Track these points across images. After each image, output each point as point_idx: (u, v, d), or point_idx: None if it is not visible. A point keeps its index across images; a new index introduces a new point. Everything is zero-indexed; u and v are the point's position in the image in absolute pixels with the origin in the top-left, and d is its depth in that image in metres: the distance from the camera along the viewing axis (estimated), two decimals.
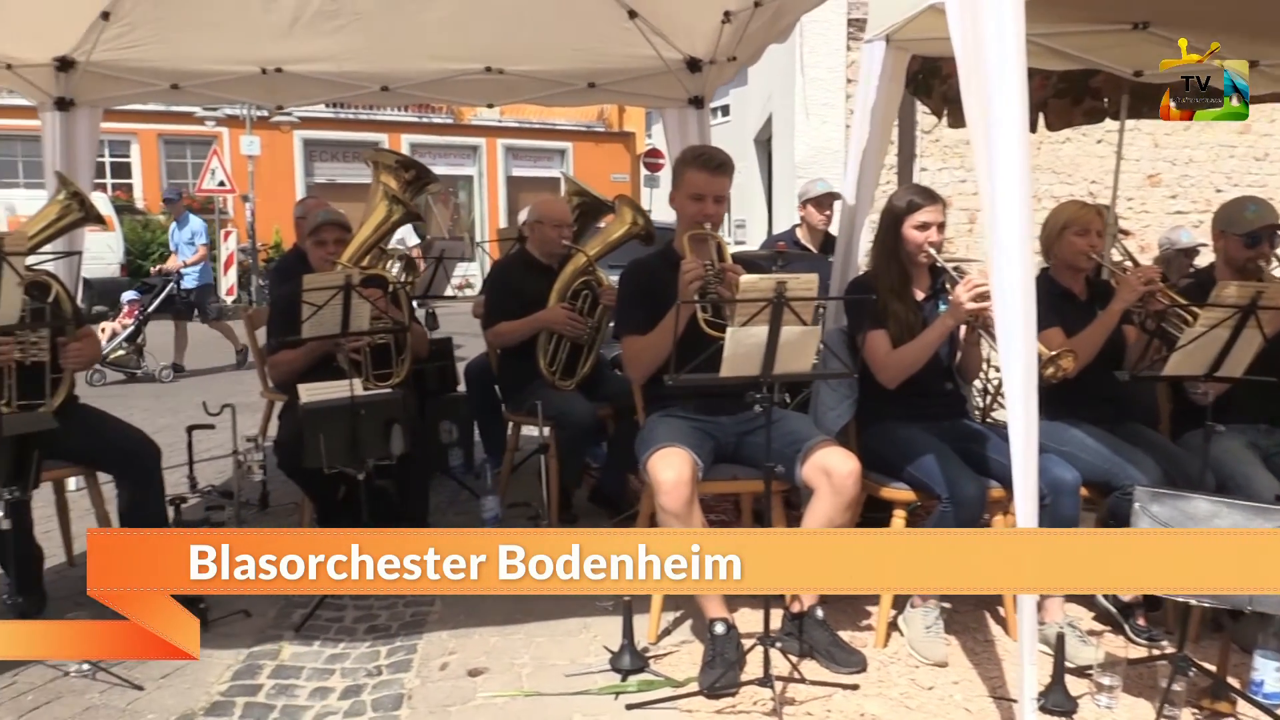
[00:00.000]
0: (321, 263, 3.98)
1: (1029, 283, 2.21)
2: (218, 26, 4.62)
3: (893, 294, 3.16)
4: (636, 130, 22.41)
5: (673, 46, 4.95)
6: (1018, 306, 2.21)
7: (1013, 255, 2.20)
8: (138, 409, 7.01)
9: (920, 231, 3.13)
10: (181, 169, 19.11)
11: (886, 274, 3.19)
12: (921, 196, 3.18)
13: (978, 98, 2.21)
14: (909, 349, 3.08)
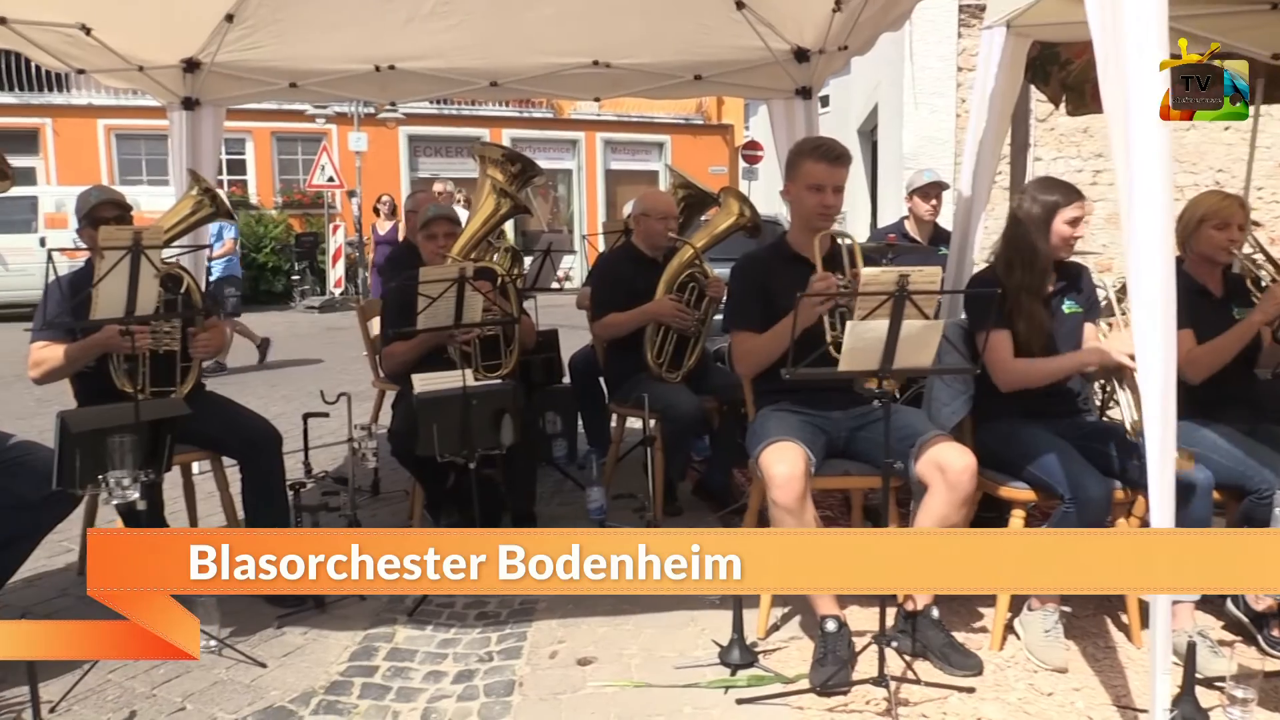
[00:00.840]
0: (433, 256, 4.06)
1: (1169, 278, 2.11)
2: (335, 26, 4.76)
3: (1027, 293, 3.05)
4: (735, 122, 22.28)
5: (780, 37, 4.90)
6: (1157, 302, 2.11)
7: (1153, 249, 2.10)
8: (254, 396, 7.29)
9: (1070, 227, 3.05)
10: (293, 165, 19.77)
11: (1025, 272, 3.07)
12: (1069, 191, 3.09)
13: (1116, 85, 2.12)
14: (1040, 365, 3.00)
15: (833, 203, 3.08)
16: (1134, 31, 2.07)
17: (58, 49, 4.44)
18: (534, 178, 4.50)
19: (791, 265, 3.11)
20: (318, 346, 11.15)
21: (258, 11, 4.60)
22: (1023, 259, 3.08)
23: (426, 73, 5.19)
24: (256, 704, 2.71)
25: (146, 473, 2.86)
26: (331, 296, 16.55)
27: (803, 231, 3.15)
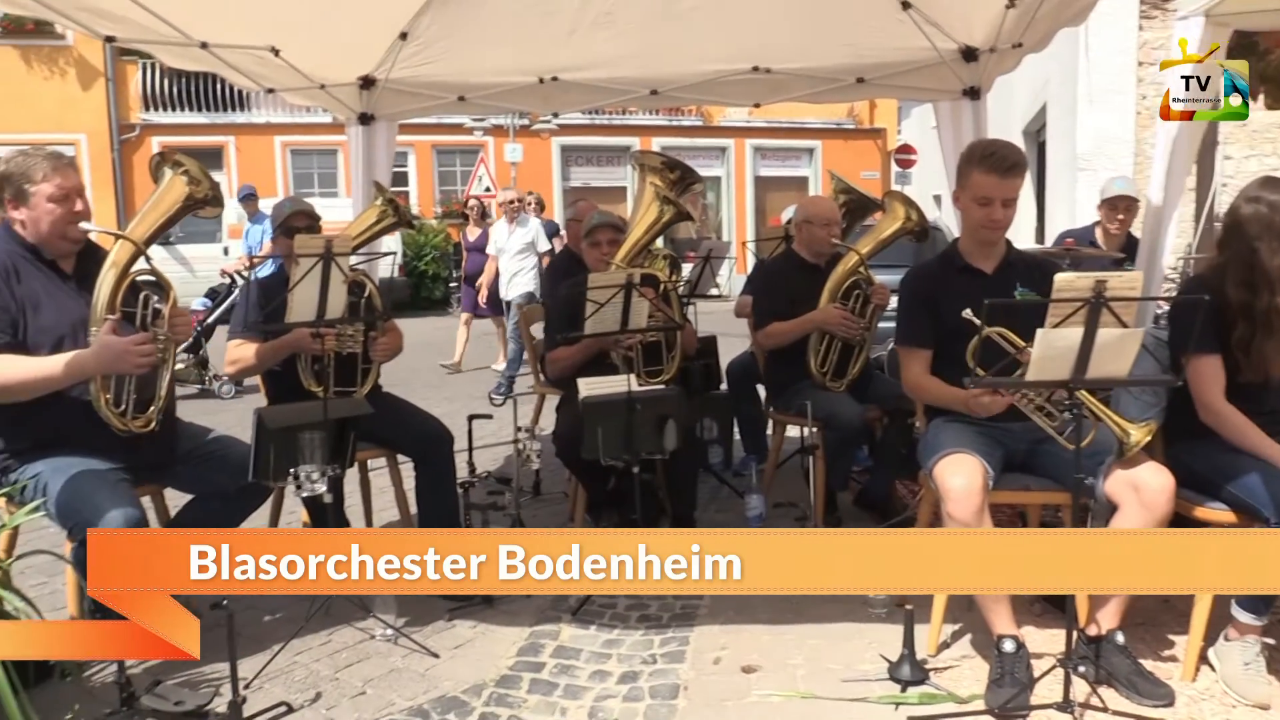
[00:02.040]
0: (597, 263, 4.13)
1: None
2: (501, 40, 4.90)
3: (1277, 316, 2.72)
4: (888, 126, 21.79)
5: (948, 36, 4.75)
6: None
7: None
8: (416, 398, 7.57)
9: None
10: (451, 176, 20.53)
11: (1246, 288, 2.74)
12: None
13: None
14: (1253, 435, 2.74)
15: (1001, 217, 2.92)
16: None
17: (250, 70, 4.74)
18: (693, 184, 4.52)
19: (962, 276, 3.00)
20: (474, 351, 11.51)
21: (430, 29, 4.78)
22: (1265, 277, 2.74)
23: (588, 83, 5.28)
24: (431, 693, 2.81)
25: (333, 468, 3.02)
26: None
27: (973, 243, 3.04)
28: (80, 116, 18.38)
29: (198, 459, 3.11)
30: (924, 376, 3.03)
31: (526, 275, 8.50)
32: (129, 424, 2.84)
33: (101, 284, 2.78)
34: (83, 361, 2.71)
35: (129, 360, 2.72)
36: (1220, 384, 2.81)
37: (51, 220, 2.82)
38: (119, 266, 2.79)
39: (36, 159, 2.82)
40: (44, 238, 2.85)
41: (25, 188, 2.80)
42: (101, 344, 2.70)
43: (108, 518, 2.63)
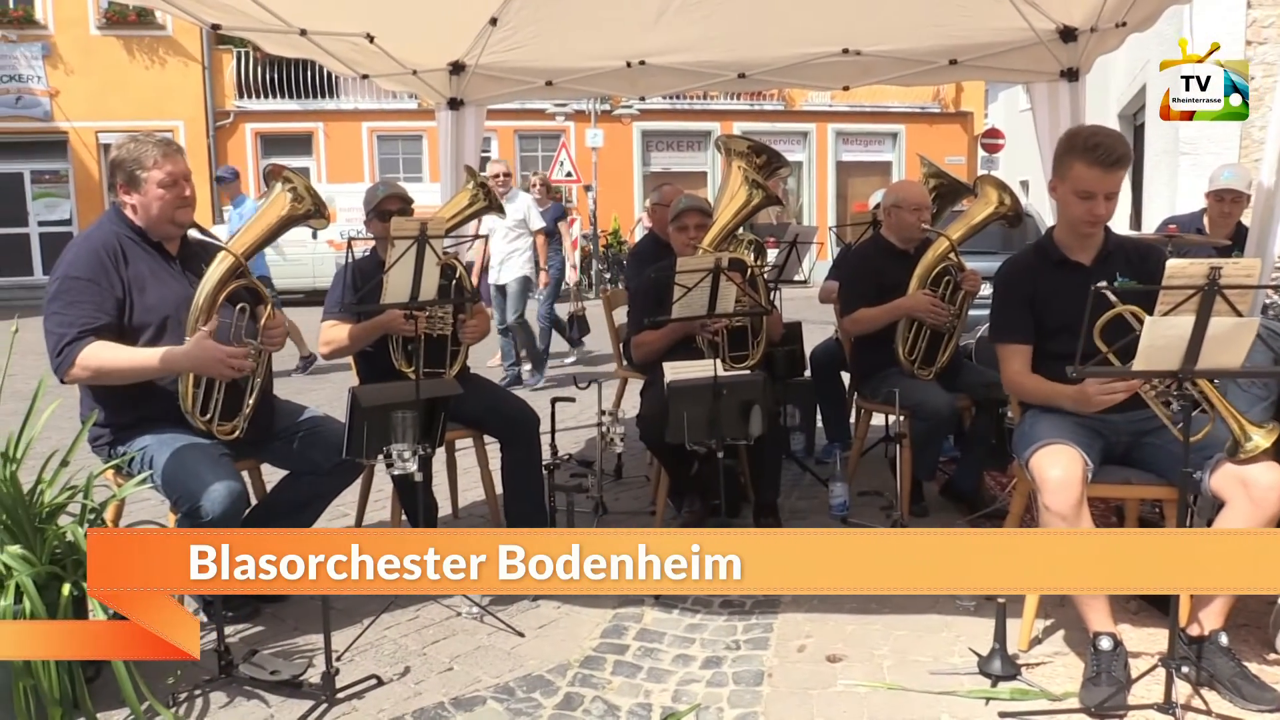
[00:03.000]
0: (684, 247, 4.12)
1: None
2: (589, 25, 4.91)
3: None
4: (974, 109, 21.28)
5: (1045, 16, 4.60)
6: None
7: None
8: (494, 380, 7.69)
9: None
10: (533, 161, 20.70)
11: None
12: None
13: None
14: None
15: (1103, 212, 2.80)
16: None
17: (346, 56, 4.84)
18: (779, 169, 4.47)
19: (1060, 270, 2.90)
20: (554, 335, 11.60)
21: (519, 14, 4.82)
22: None
23: (675, 67, 5.25)
24: (516, 671, 2.85)
25: (423, 446, 3.07)
26: (567, 287, 17.18)
27: (1070, 233, 2.94)
28: (177, 104, 19.06)
29: (293, 436, 3.20)
30: (1025, 374, 2.92)
31: (521, 258, 7.86)
32: (214, 429, 2.94)
33: (201, 291, 2.89)
34: (175, 359, 2.82)
35: (220, 368, 2.82)
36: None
37: (161, 205, 2.93)
38: (220, 276, 2.90)
39: (147, 145, 2.93)
40: (153, 222, 2.96)
41: (137, 173, 2.91)
42: (198, 345, 2.79)
43: (212, 490, 2.73)
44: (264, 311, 3.04)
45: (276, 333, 3.04)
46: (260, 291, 3.06)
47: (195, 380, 2.88)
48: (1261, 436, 2.46)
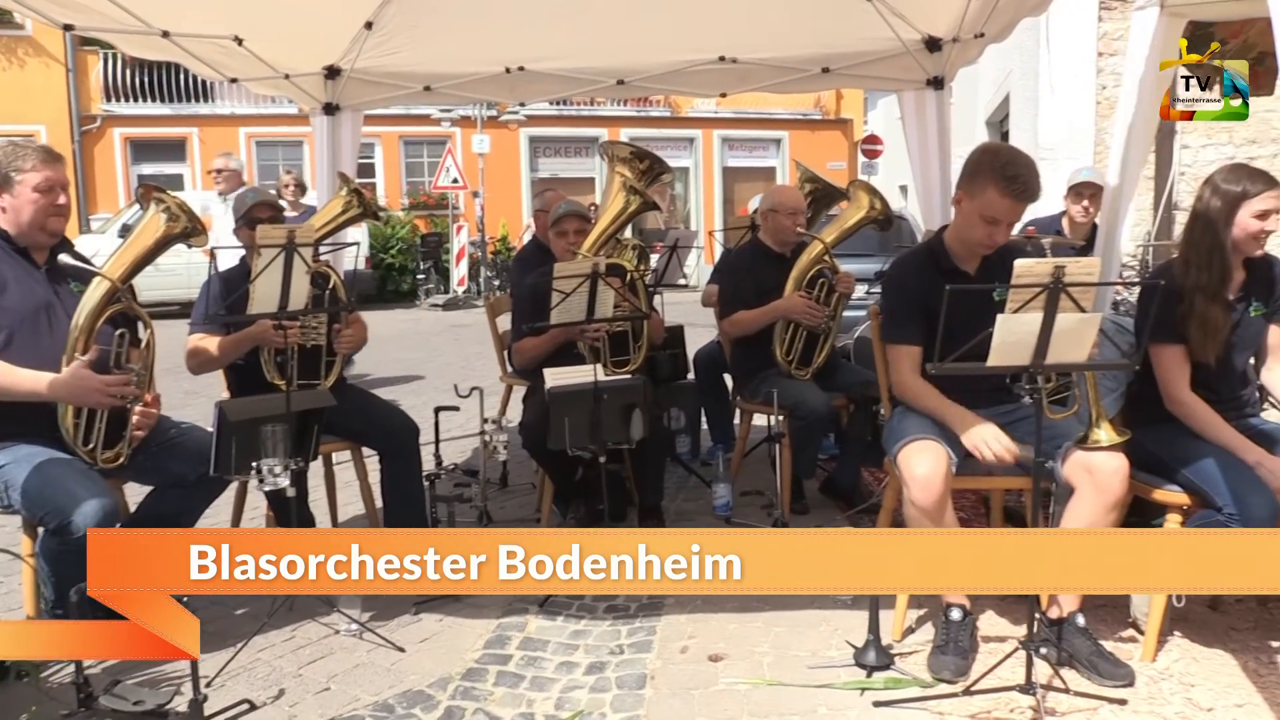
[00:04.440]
0: (564, 253, 4.12)
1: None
2: (467, 29, 4.87)
3: (1204, 294, 2.82)
4: (854, 117, 21.91)
5: (911, 26, 4.78)
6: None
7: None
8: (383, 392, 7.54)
9: (1259, 221, 2.78)
10: (418, 168, 20.41)
11: (1204, 270, 2.82)
12: (1260, 180, 2.80)
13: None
14: (1213, 423, 2.79)
15: (1001, 239, 2.89)
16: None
17: (213, 59, 4.67)
18: (661, 174, 4.51)
19: (948, 279, 2.93)
20: (444, 343, 11.47)
21: (395, 18, 4.74)
22: (1199, 257, 2.83)
23: (554, 73, 5.25)
24: (396, 687, 2.79)
25: (295, 461, 2.98)
26: (455, 295, 17.01)
27: (963, 245, 2.99)
28: (39, 107, 18.09)
29: (157, 448, 3.07)
30: (916, 378, 2.91)
31: None
32: (96, 458, 2.85)
33: (78, 318, 2.81)
34: (52, 387, 2.73)
35: (99, 398, 2.75)
36: (1185, 374, 2.86)
37: (34, 210, 2.85)
38: (96, 303, 2.82)
39: (27, 150, 2.88)
40: (23, 228, 2.87)
41: (11, 175, 2.83)
42: (74, 375, 2.72)
43: (84, 507, 2.63)
44: (146, 336, 2.97)
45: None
46: (142, 317, 2.97)
47: (76, 409, 2.79)
48: (1105, 434, 2.60)
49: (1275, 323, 2.97)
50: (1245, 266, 2.91)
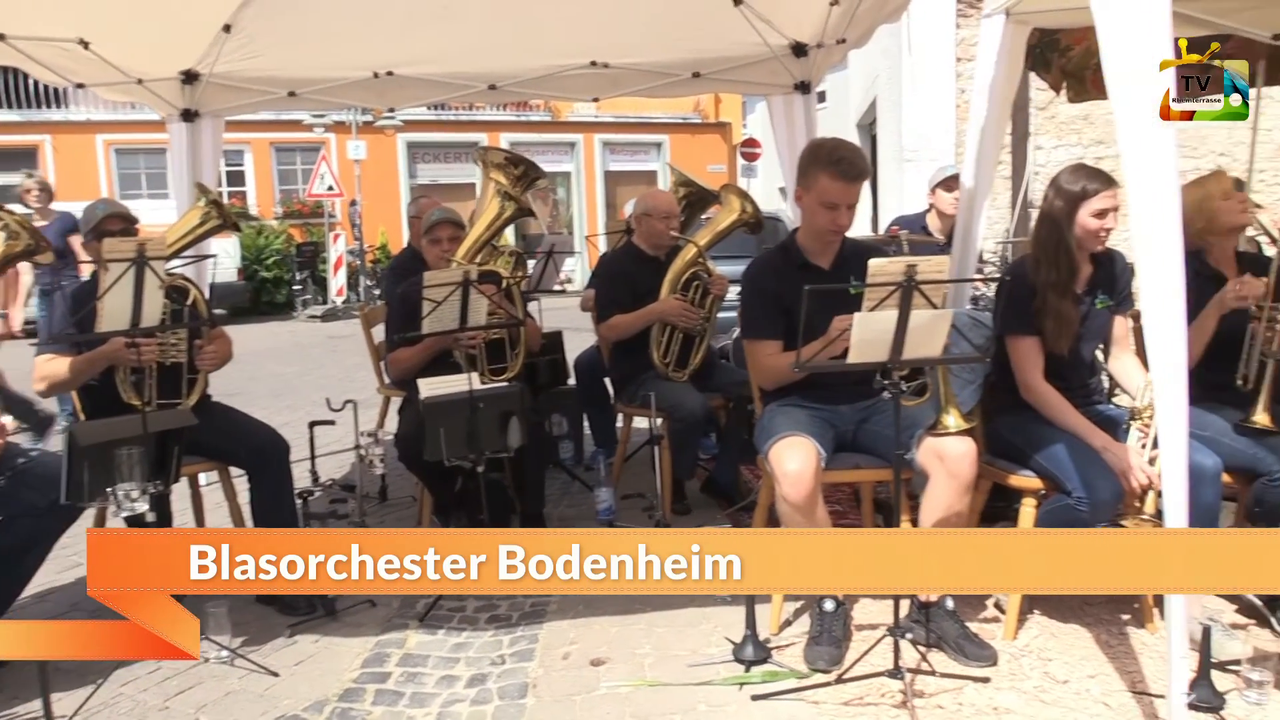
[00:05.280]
0: (437, 260, 4.06)
1: (1179, 264, 2.10)
2: (332, 33, 4.75)
3: (1055, 290, 2.96)
4: (733, 120, 22.26)
5: (778, 32, 4.89)
6: (1169, 291, 2.10)
7: (1163, 234, 2.09)
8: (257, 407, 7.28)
9: (1098, 219, 2.93)
10: (292, 175, 19.80)
11: (1053, 267, 2.97)
12: (1098, 180, 2.95)
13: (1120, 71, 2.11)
14: (1062, 410, 2.93)
15: (845, 222, 2.99)
16: (1139, 17, 2.06)
17: (56, 63, 4.43)
18: (537, 180, 4.49)
19: (802, 273, 3.03)
20: (321, 355, 11.17)
21: (255, 21, 4.58)
22: (1047, 254, 2.98)
23: (425, 78, 5.18)
24: (270, 713, 2.70)
25: (154, 484, 2.85)
26: (333, 305, 16.59)
27: (813, 239, 3.11)
28: None
29: (7, 476, 2.89)
30: (777, 357, 3.00)
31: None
32: None
33: None
34: None
35: None
36: (1038, 365, 3.01)
37: None
38: None
39: None
40: None
41: None
42: None
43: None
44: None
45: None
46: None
47: None
48: (954, 420, 2.72)
49: (1120, 314, 3.14)
50: (1091, 261, 3.07)
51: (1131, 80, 2.10)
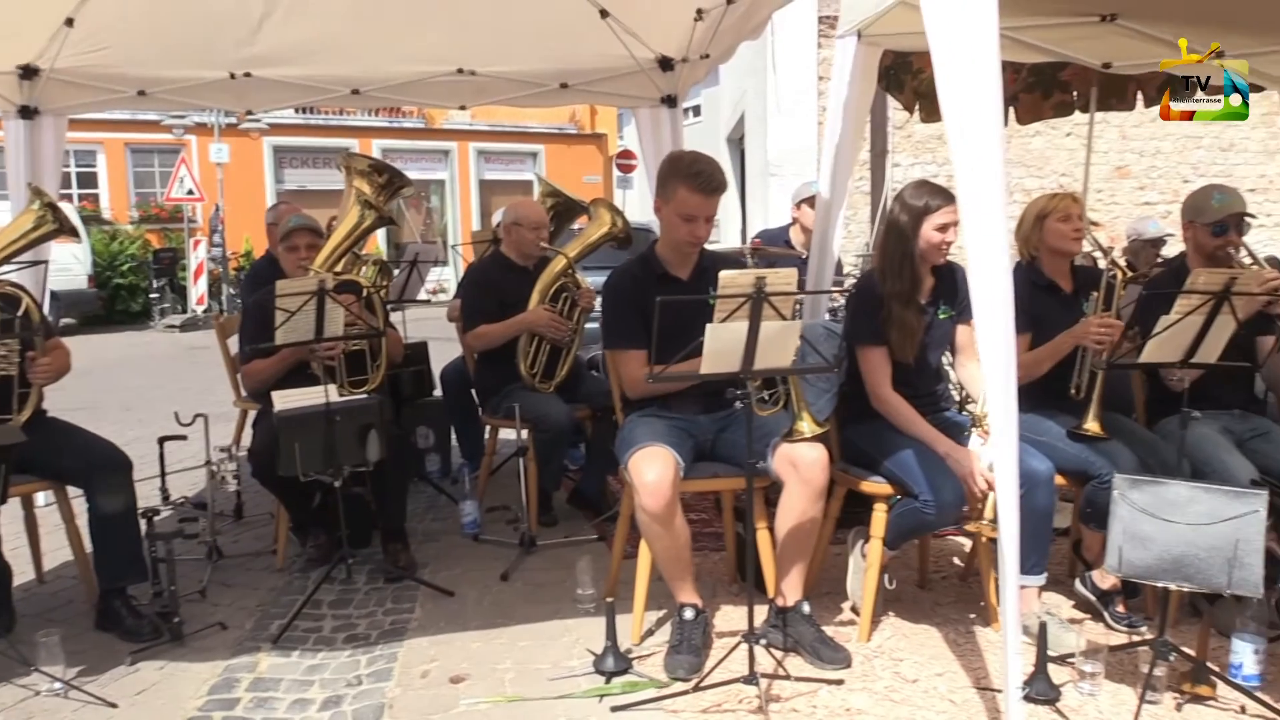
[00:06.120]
0: (294, 269, 3.93)
1: (1008, 277, 2.21)
2: (186, 31, 4.56)
3: (899, 300, 3.08)
4: (609, 131, 22.37)
5: (645, 45, 4.94)
6: (997, 302, 2.20)
7: (991, 249, 2.20)
8: (106, 422, 6.91)
9: (939, 233, 3.05)
10: (149, 178, 18.90)
11: (898, 279, 3.08)
12: (940, 196, 3.07)
13: (953, 92, 2.21)
14: (910, 418, 3.04)
15: (703, 234, 3.04)
16: (968, 42, 2.16)
17: None
18: (402, 189, 4.40)
19: (661, 284, 3.06)
20: (179, 367, 10.69)
21: (99, 16, 4.35)
22: (892, 266, 3.10)
23: (285, 80, 5.03)
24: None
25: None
26: (194, 314, 15.90)
27: (672, 250, 3.14)
28: None
29: None
30: (640, 368, 2.99)
31: None
32: None
33: None
34: None
35: None
36: (887, 373, 3.11)
37: None
38: None
39: None
40: None
41: None
42: None
43: None
44: None
45: None
46: None
47: None
48: (807, 425, 2.79)
49: (963, 323, 3.29)
50: (934, 274, 3.21)
51: (963, 102, 2.19)
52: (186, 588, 3.48)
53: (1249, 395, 3.45)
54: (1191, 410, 2.84)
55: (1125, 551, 2.48)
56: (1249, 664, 2.65)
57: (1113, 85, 4.65)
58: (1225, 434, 3.19)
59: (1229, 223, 3.31)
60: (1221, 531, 2.40)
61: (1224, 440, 3.15)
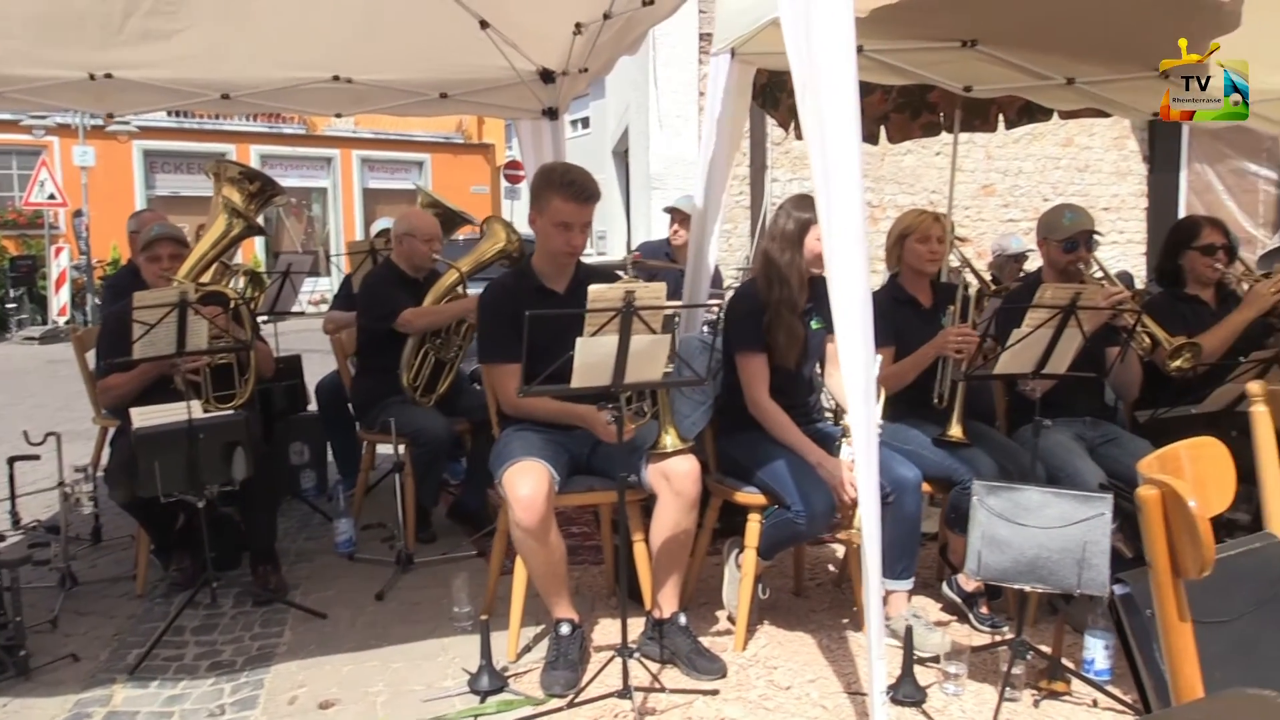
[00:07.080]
0: (156, 279, 3.77)
1: (866, 290, 2.28)
2: (39, 28, 4.32)
3: (786, 307, 3.15)
4: (496, 142, 22.18)
5: (525, 57, 4.91)
6: (856, 314, 2.27)
7: (849, 264, 2.26)
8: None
9: (821, 244, 3.13)
10: (7, 181, 17.84)
11: (785, 285, 3.15)
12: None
13: (813, 112, 2.27)
14: (786, 427, 3.11)
15: (579, 243, 3.05)
16: (827, 62, 2.22)
17: None
18: (274, 197, 4.27)
19: (537, 297, 3.05)
20: (37, 382, 10.11)
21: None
22: (778, 274, 3.16)
23: (149, 83, 4.80)
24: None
25: None
26: (55, 326, 15.07)
27: (548, 262, 3.13)
28: None
29: None
30: (515, 382, 2.91)
31: None
32: None
33: None
34: None
35: None
36: (764, 381, 3.17)
37: None
38: None
39: None
40: None
41: None
42: None
43: None
44: None
45: None
46: None
47: None
48: (671, 440, 2.84)
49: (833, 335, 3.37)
50: (809, 284, 3.29)
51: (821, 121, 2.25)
52: (36, 618, 3.28)
53: (1100, 403, 3.64)
54: (1043, 419, 2.98)
55: (984, 555, 2.58)
56: (1100, 659, 2.79)
57: (975, 108, 4.85)
58: (1077, 440, 3.36)
59: (1079, 239, 3.50)
60: (1071, 534, 2.51)
61: (1076, 446, 3.31)
